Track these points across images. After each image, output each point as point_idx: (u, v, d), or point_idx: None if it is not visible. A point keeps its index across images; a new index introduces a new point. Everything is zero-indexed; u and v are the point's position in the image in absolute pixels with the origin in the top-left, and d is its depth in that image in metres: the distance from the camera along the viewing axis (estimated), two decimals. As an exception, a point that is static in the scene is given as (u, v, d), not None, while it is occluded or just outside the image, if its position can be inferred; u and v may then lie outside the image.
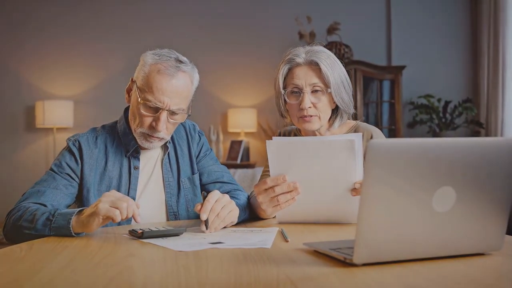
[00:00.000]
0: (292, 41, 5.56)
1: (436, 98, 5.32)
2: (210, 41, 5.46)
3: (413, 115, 5.42)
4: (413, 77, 5.49)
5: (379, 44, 5.71)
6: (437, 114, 5.24)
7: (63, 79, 5.56)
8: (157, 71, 1.61)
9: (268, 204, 1.51)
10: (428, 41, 5.65)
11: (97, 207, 1.34)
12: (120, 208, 1.33)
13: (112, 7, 5.60)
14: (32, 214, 1.44)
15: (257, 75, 5.69)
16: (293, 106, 1.76)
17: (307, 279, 0.94)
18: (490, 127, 5.14)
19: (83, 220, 1.37)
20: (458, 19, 5.67)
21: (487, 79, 5.24)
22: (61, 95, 5.52)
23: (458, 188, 1.02)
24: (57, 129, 5.39)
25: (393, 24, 5.68)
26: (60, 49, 5.53)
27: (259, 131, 5.69)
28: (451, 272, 0.98)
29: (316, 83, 1.72)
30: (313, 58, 1.73)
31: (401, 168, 0.97)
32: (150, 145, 1.68)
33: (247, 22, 5.69)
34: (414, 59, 5.56)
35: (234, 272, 0.99)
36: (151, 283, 0.92)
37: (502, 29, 4.97)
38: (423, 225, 1.02)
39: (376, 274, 0.96)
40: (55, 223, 1.40)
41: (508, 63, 4.94)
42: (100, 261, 1.11)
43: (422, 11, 5.66)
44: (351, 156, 1.46)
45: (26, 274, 1.02)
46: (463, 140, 1.02)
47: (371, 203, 0.96)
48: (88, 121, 5.53)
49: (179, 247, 1.24)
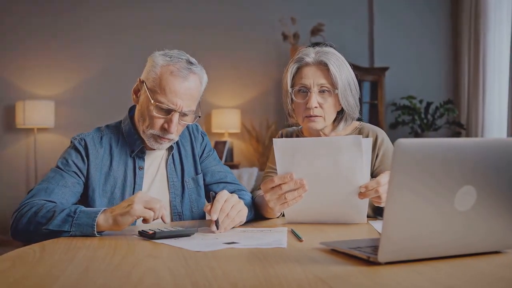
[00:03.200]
0: (276, 42, 5.58)
1: (418, 100, 5.41)
2: (194, 42, 5.43)
3: (395, 116, 5.49)
4: (395, 79, 5.56)
5: (362, 45, 5.76)
6: (419, 115, 5.32)
7: (44, 78, 5.47)
8: (169, 73, 1.60)
9: (275, 202, 1.52)
10: (410, 43, 5.73)
11: (131, 207, 1.36)
12: (154, 209, 1.38)
13: (93, 8, 5.53)
14: (51, 211, 1.43)
15: (241, 76, 5.70)
16: (300, 105, 1.77)
17: (337, 278, 0.94)
18: (471, 128, 5.23)
19: (115, 218, 1.38)
20: (440, 21, 5.77)
21: (468, 81, 5.34)
22: (42, 95, 5.43)
23: (479, 187, 1.04)
24: (38, 129, 5.30)
25: (375, 26, 5.75)
26: (40, 49, 5.44)
27: (243, 131, 5.69)
28: (474, 270, 0.99)
29: (324, 83, 1.74)
30: (322, 58, 1.74)
31: (427, 167, 0.98)
32: (160, 146, 1.68)
33: (231, 23, 5.68)
34: (396, 61, 5.63)
35: (261, 272, 0.99)
36: (181, 284, 0.92)
37: (483, 32, 5.07)
38: (445, 223, 1.03)
39: (402, 272, 0.97)
40: (78, 220, 1.39)
41: (488, 65, 5.04)
42: (120, 263, 1.10)
43: (404, 14, 5.74)
44: (358, 153, 1.47)
45: (48, 277, 1.00)
46: (484, 140, 1.04)
47: (397, 202, 0.97)
48: (69, 122, 5.46)
49: (195, 247, 1.23)
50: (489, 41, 5.04)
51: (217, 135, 5.64)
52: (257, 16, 5.71)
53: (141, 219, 1.42)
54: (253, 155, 5.65)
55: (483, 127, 5.06)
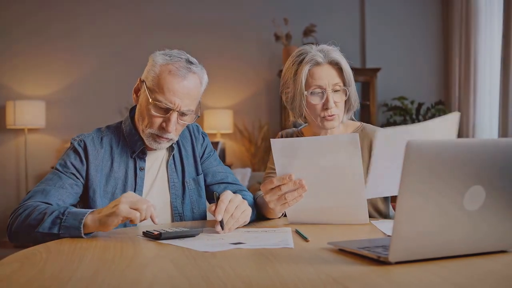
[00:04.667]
0: (268, 43, 5.59)
1: (410, 100, 5.44)
2: (186, 42, 5.41)
3: (387, 117, 5.52)
4: (387, 80, 5.59)
5: (353, 46, 5.79)
6: (410, 116, 5.35)
7: (35, 79, 5.43)
8: (168, 72, 1.60)
9: (275, 203, 1.52)
10: (401, 44, 5.77)
11: (117, 207, 1.34)
12: (140, 209, 1.35)
13: (84, 9, 5.51)
14: (42, 213, 1.43)
15: (233, 77, 5.69)
16: (316, 107, 1.76)
17: (350, 278, 0.95)
18: (461, 128, 5.27)
19: (101, 219, 1.37)
20: (431, 23, 5.81)
21: (459, 82, 5.38)
22: (32, 95, 5.39)
23: (487, 187, 1.05)
24: (28, 129, 5.26)
25: (367, 27, 5.78)
26: (31, 49, 5.40)
27: (235, 132, 5.69)
28: (483, 269, 1.00)
29: (338, 82, 1.75)
30: (332, 57, 1.74)
31: (437, 168, 0.99)
32: (159, 145, 1.67)
33: (224, 23, 5.68)
34: (388, 62, 5.66)
35: (273, 273, 0.99)
36: (196, 284, 0.91)
37: (474, 33, 5.11)
38: (454, 223, 1.04)
39: (414, 272, 0.97)
40: (65, 222, 1.39)
41: (479, 66, 5.09)
42: (130, 264, 1.09)
43: (396, 16, 5.78)
44: (355, 151, 1.48)
45: (59, 278, 0.99)
46: (493, 141, 1.05)
47: (408, 202, 0.98)
48: (60, 122, 5.43)
49: (202, 248, 1.23)
50: (480, 42, 5.08)
51: (209, 136, 5.54)
52: (250, 17, 5.71)
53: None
54: (245, 155, 5.65)
55: (474, 128, 5.11)
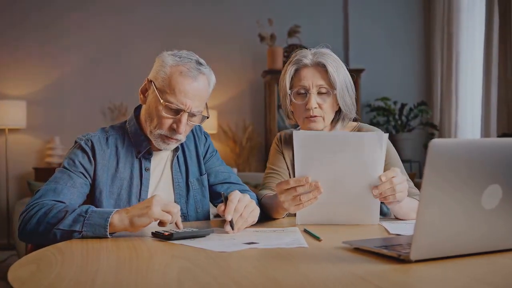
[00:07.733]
0: (253, 43, 5.59)
1: (393, 101, 5.50)
2: (169, 42, 5.38)
3: (370, 117, 5.57)
4: (370, 80, 5.65)
5: (337, 47, 5.83)
6: (393, 116, 5.41)
7: (15, 78, 5.34)
8: (179, 73, 1.60)
9: (290, 203, 1.52)
10: (384, 45, 5.83)
11: (149, 209, 1.35)
12: (172, 213, 1.37)
13: (64, 6, 5.43)
14: (63, 211, 1.41)
15: (217, 77, 5.63)
16: (300, 107, 1.79)
17: (375, 275, 0.95)
18: (444, 129, 5.36)
19: (131, 219, 1.36)
20: (414, 24, 5.89)
21: (441, 83, 5.46)
22: (13, 95, 5.30)
23: (505, 186, 1.07)
24: (9, 130, 5.17)
25: (350, 28, 5.82)
26: (11, 48, 5.32)
27: (219, 132, 5.68)
28: (501, 265, 1.03)
29: (322, 84, 1.76)
30: (320, 59, 1.76)
31: (457, 167, 1.00)
32: (167, 146, 1.66)
33: (209, 24, 5.67)
34: (371, 62, 5.72)
35: (297, 272, 1.00)
36: (224, 283, 0.91)
37: (456, 34, 5.20)
38: (473, 222, 1.06)
39: (435, 269, 0.99)
40: (90, 220, 1.37)
41: (460, 67, 5.17)
42: (149, 265, 1.08)
43: (379, 17, 5.84)
44: (379, 151, 1.49)
45: (83, 280, 0.98)
46: (509, 140, 1.07)
47: (430, 201, 1.00)
48: (42, 122, 5.35)
49: (218, 248, 1.22)
50: (462, 42, 5.16)
51: (193, 136, 5.61)
52: (235, 18, 5.71)
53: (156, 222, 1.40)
54: (230, 156, 5.64)
55: (456, 128, 5.19)
